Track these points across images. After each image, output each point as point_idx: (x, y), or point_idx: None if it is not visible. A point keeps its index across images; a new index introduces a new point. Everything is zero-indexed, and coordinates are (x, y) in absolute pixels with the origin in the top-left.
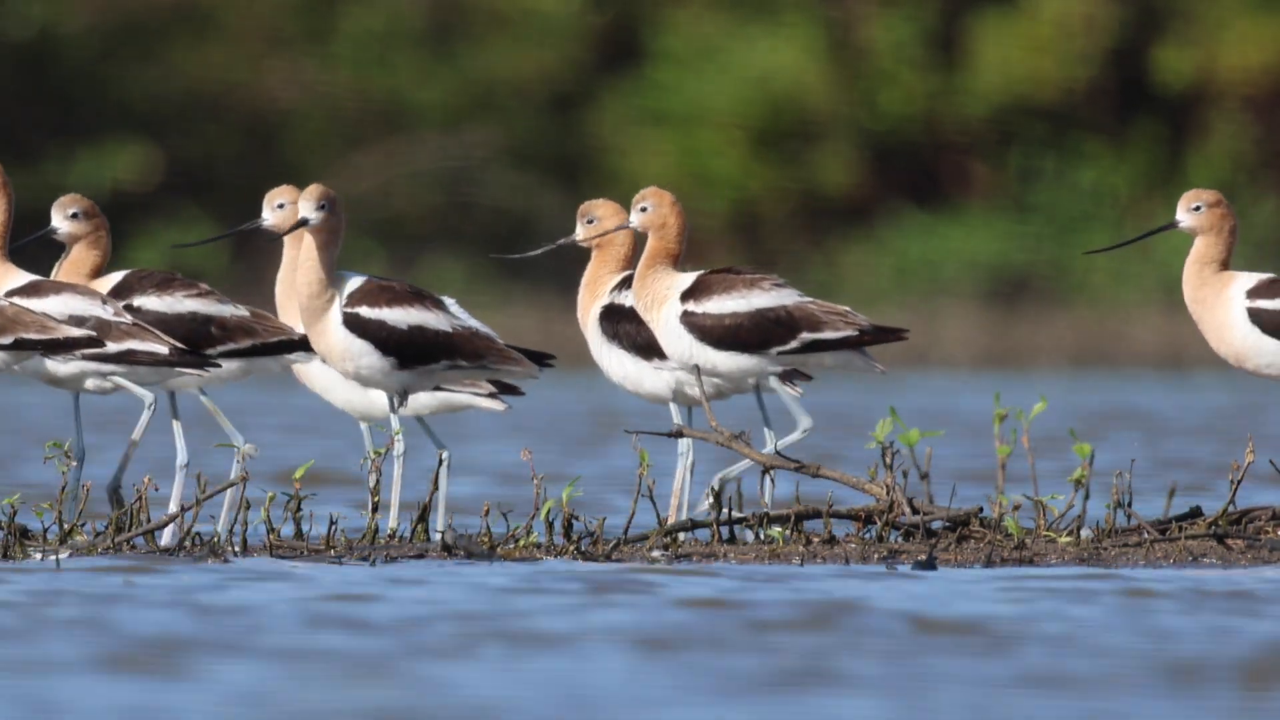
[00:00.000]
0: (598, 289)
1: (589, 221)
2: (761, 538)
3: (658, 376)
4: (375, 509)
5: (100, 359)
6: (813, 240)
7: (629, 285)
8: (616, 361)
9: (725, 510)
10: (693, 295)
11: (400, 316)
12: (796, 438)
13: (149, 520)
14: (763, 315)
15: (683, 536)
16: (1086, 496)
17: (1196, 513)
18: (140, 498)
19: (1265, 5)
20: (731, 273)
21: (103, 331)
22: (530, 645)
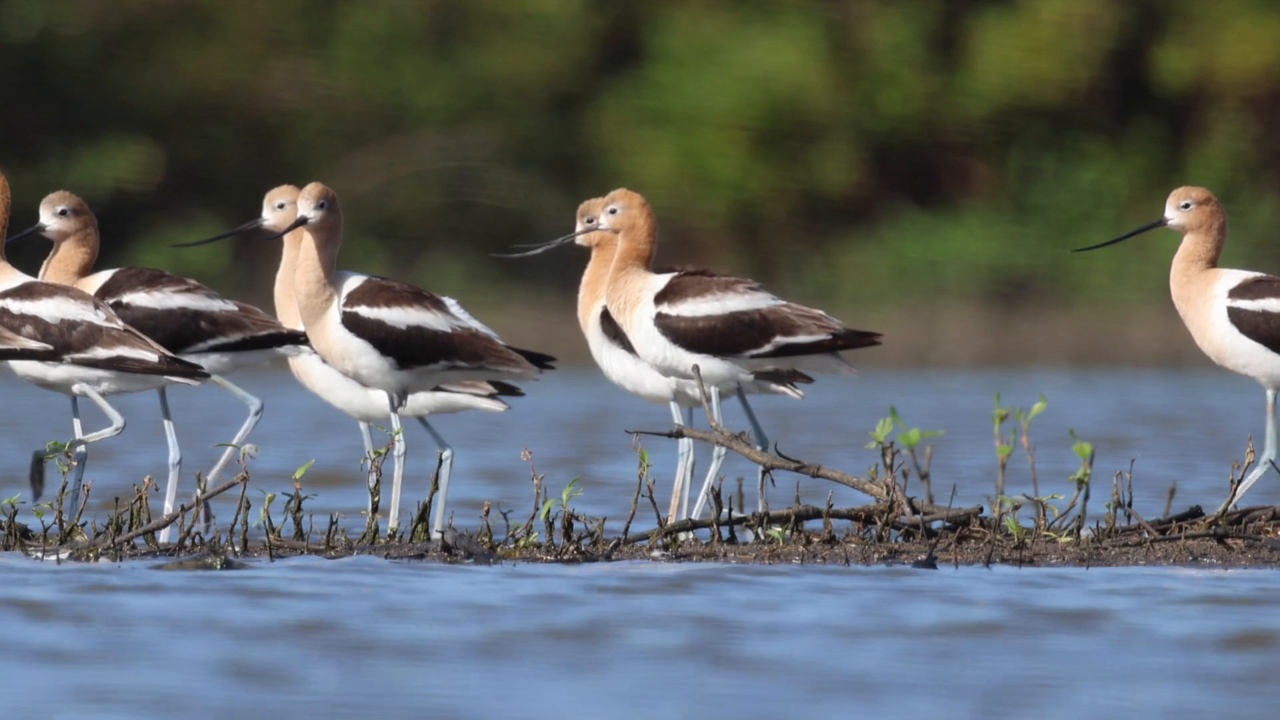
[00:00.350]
0: (598, 289)
1: (589, 220)
2: (761, 537)
3: (658, 377)
4: (375, 509)
5: (90, 365)
6: (813, 241)
7: None
8: (617, 361)
9: (725, 510)
10: (666, 298)
11: (399, 316)
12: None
13: (149, 520)
14: (736, 318)
15: (683, 536)
16: (1086, 497)
17: (1196, 512)
18: (140, 498)
19: (1265, 5)
20: (705, 275)
21: (93, 337)
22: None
